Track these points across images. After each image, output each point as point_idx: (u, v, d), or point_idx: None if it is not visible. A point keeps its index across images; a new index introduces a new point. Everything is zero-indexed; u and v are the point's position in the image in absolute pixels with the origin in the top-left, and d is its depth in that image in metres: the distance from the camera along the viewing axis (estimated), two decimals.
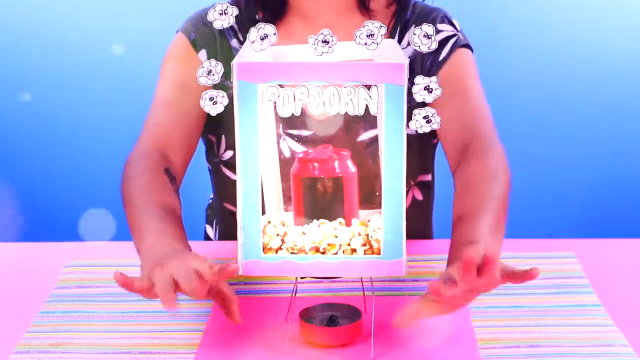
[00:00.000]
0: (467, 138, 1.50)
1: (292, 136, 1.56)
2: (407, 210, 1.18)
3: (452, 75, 1.56)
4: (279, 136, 1.55)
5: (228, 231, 1.69)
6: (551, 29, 3.39)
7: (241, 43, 1.59)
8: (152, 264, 1.20)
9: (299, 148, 1.53)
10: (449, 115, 1.51)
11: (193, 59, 1.58)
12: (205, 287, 1.18)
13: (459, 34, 1.60)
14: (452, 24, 1.61)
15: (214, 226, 1.78)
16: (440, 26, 1.59)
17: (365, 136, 1.57)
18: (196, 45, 1.59)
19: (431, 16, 1.60)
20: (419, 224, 1.70)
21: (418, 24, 1.57)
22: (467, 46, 1.60)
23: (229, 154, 1.61)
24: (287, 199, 1.31)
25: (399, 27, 1.60)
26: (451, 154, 1.53)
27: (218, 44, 1.59)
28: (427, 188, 1.69)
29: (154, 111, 1.56)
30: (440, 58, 1.57)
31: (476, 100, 1.55)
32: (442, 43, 1.58)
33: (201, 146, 1.66)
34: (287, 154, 1.53)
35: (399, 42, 1.58)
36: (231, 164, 1.61)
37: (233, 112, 1.15)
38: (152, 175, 1.44)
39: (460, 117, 1.52)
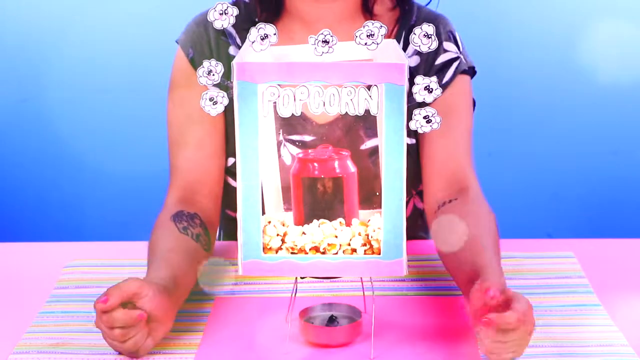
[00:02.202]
0: (462, 181, 1.49)
1: (293, 142, 1.55)
2: (409, 218, 1.18)
3: (450, 106, 1.54)
4: (279, 142, 1.54)
5: (230, 235, 1.69)
6: (549, 27, 3.39)
7: (239, 48, 1.58)
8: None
9: None
10: (442, 148, 1.51)
11: (195, 81, 1.56)
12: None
13: (461, 57, 1.57)
14: (456, 42, 1.59)
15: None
16: (446, 45, 1.56)
17: (369, 144, 1.56)
18: (194, 63, 1.57)
19: (437, 26, 1.57)
20: (420, 231, 1.69)
21: None
22: (466, 71, 1.58)
23: (230, 161, 1.61)
24: (287, 199, 1.31)
25: (403, 33, 1.58)
26: (438, 187, 1.50)
27: (215, 55, 1.57)
28: None
29: (176, 152, 1.55)
30: (442, 82, 1.56)
31: (468, 136, 1.55)
32: (446, 65, 1.57)
33: None
34: (288, 161, 1.52)
35: (404, 48, 1.57)
36: (233, 172, 1.61)
37: (234, 117, 1.15)
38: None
39: (454, 152, 1.52)
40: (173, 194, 1.52)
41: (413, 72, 1.55)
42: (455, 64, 1.57)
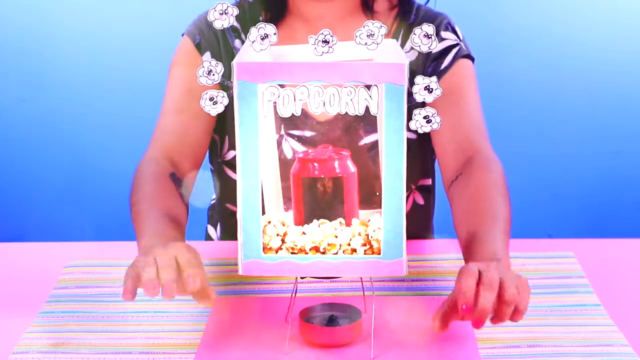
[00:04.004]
0: (468, 150, 1.50)
1: (293, 137, 1.56)
2: (409, 214, 1.18)
3: (453, 85, 1.55)
4: (280, 137, 1.55)
5: (230, 232, 1.69)
6: (550, 28, 3.40)
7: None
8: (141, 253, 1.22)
9: (301, 149, 1.53)
10: (448, 126, 1.51)
11: (198, 62, 1.58)
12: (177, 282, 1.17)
13: (461, 44, 1.59)
14: (455, 33, 1.60)
15: (216, 227, 1.78)
16: (444, 34, 1.58)
17: (367, 140, 1.56)
18: (200, 48, 1.59)
19: (435, 22, 1.60)
20: (420, 228, 1.70)
21: None
22: (468, 56, 1.60)
23: (231, 154, 1.62)
24: (287, 199, 1.31)
25: (402, 31, 1.59)
26: (449, 165, 1.52)
27: (222, 46, 1.59)
28: (427, 192, 1.69)
29: (163, 119, 1.57)
30: (442, 67, 1.57)
31: (475, 113, 1.55)
32: (445, 52, 1.58)
33: None
34: (289, 155, 1.53)
35: (402, 46, 1.58)
36: (234, 165, 1.61)
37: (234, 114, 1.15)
38: (158, 182, 1.45)
39: (460, 128, 1.52)
40: (159, 148, 1.53)
41: (413, 66, 1.56)
42: (454, 50, 1.58)
